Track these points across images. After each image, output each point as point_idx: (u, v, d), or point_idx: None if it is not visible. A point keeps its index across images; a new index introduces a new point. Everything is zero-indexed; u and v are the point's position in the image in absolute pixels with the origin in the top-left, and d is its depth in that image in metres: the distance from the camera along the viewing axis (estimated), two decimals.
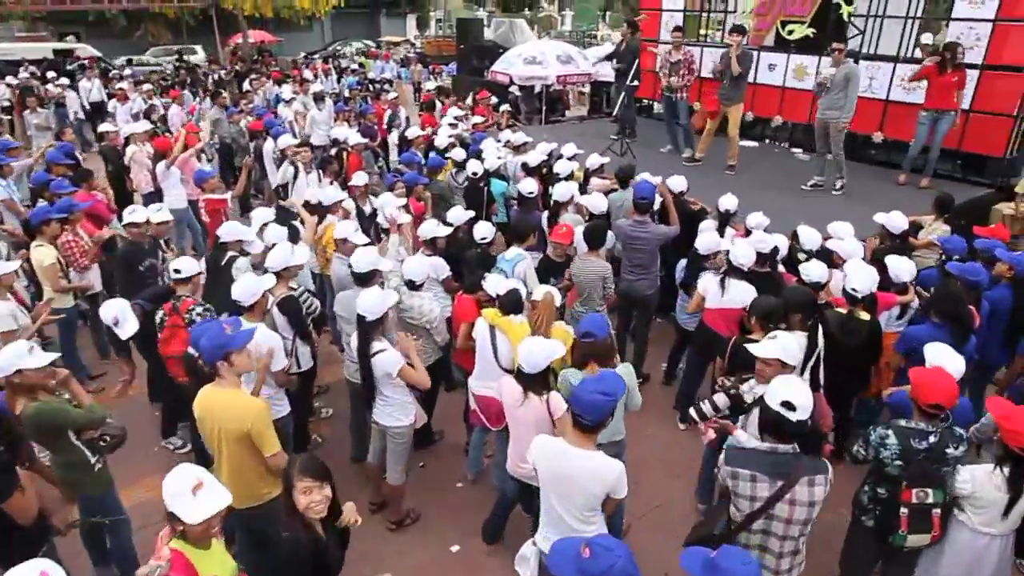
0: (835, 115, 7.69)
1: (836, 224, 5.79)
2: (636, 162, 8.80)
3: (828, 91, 7.67)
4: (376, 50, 23.02)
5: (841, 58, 7.53)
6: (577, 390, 2.93)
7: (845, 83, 7.53)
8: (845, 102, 7.60)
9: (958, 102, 7.79)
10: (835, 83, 7.58)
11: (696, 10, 11.49)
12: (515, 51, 12.55)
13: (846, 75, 7.54)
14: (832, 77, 7.59)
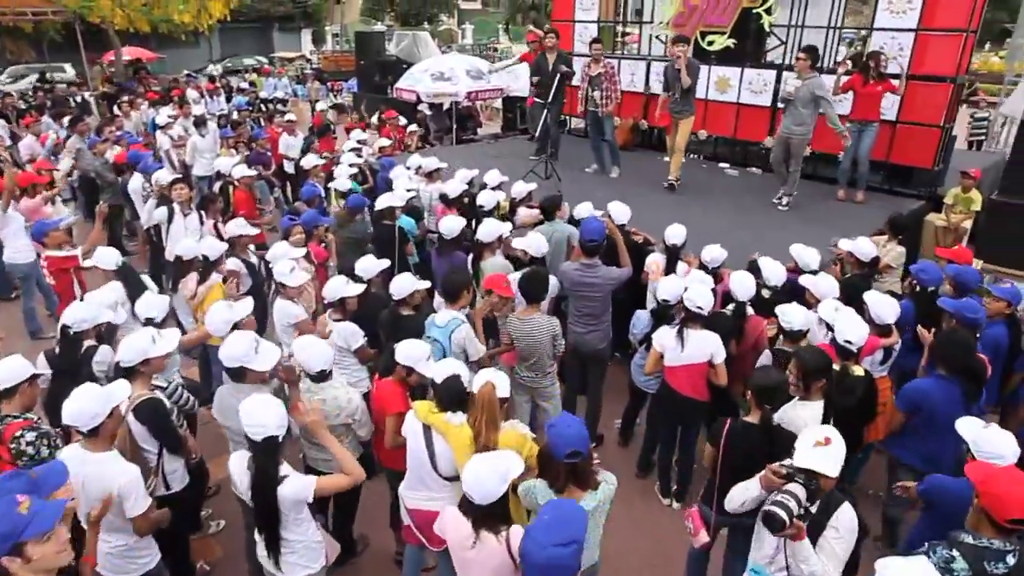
0: (801, 131, 7.24)
1: (799, 249, 5.23)
2: (561, 184, 8.11)
3: (793, 106, 7.19)
4: (268, 67, 21.41)
5: (806, 70, 7.07)
6: (527, 545, 2.19)
7: (811, 98, 7.07)
8: (811, 118, 7.18)
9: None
10: (800, 98, 7.10)
11: (610, 21, 10.98)
12: (421, 66, 11.65)
13: (812, 90, 7.07)
14: (797, 91, 7.12)
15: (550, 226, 5.85)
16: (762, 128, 9.17)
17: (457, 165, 9.00)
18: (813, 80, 7.03)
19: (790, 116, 7.21)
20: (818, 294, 4.53)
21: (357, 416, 3.53)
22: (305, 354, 3.39)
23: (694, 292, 4.06)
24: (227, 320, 3.80)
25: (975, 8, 7.37)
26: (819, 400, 3.38)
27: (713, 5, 9.22)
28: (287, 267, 4.69)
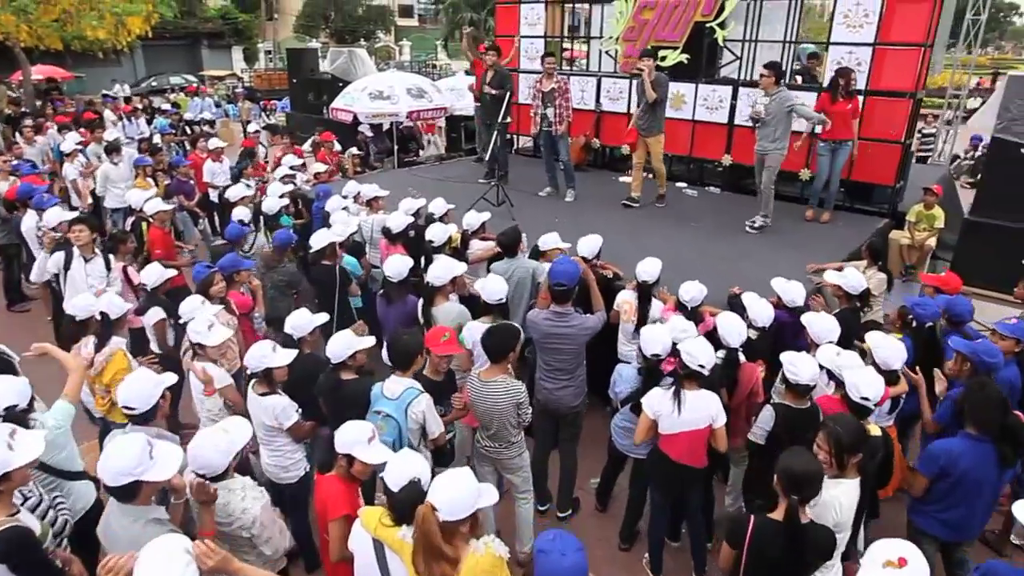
0: (776, 147, 6.89)
1: (782, 284, 4.77)
2: (514, 210, 7.54)
3: (765, 124, 6.82)
4: (194, 86, 20.23)
5: (771, 86, 6.70)
6: None
7: (783, 112, 6.73)
8: (785, 134, 6.84)
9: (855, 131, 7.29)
10: (771, 114, 6.75)
11: (556, 36, 10.53)
12: (358, 85, 10.93)
13: (782, 105, 6.73)
14: (767, 109, 6.75)
15: (509, 263, 5.25)
16: (718, 146, 8.84)
17: (400, 191, 8.38)
18: (781, 94, 6.70)
19: (762, 133, 6.87)
20: (817, 337, 4.05)
21: (254, 531, 2.80)
22: (201, 454, 2.66)
23: (694, 347, 3.50)
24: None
25: (932, 22, 7.18)
26: (854, 477, 2.86)
27: (665, 19, 8.86)
28: (204, 324, 3.93)
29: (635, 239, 6.79)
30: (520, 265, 5.24)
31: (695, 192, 8.76)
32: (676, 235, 7.03)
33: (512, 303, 5.15)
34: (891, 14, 7.35)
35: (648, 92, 7.29)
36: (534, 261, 5.34)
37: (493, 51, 8.61)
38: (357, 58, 13.04)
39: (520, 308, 5.22)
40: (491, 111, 8.34)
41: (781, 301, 4.77)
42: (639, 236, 6.89)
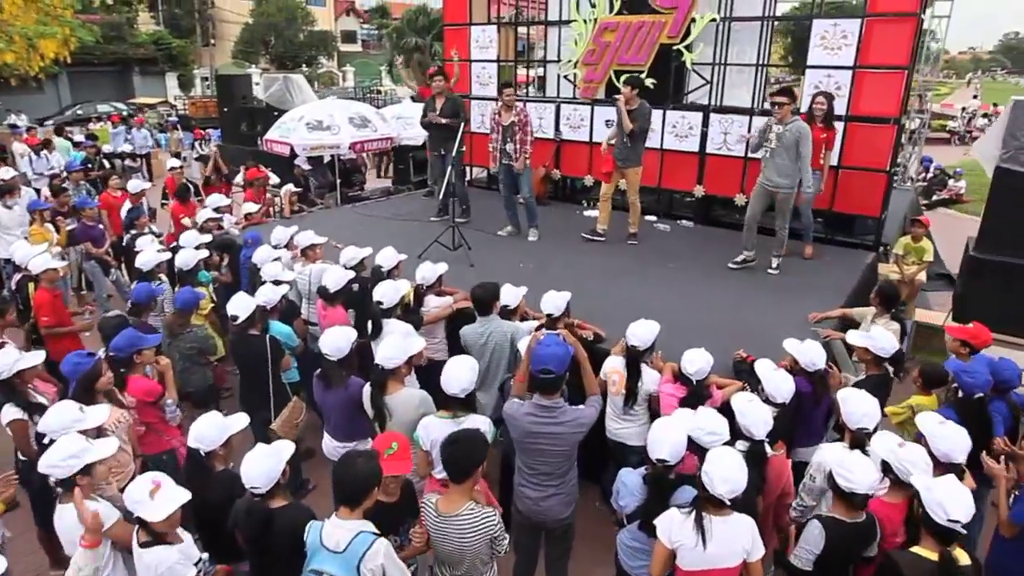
0: (788, 184, 6.15)
1: (797, 346, 4.06)
2: (472, 253, 6.70)
3: (777, 155, 6.08)
4: (118, 115, 18.81)
5: (787, 115, 6.00)
6: None
7: (796, 145, 6.00)
8: (796, 169, 6.09)
9: (824, 162, 6.74)
10: (784, 145, 6.01)
11: (510, 60, 9.83)
12: (295, 114, 9.96)
13: (797, 137, 5.99)
14: (780, 138, 6.02)
15: (484, 325, 4.41)
16: (689, 176, 8.21)
17: (344, 232, 7.46)
18: (796, 124, 6.01)
19: (773, 167, 6.13)
20: (852, 420, 3.30)
21: None
22: None
23: (722, 466, 2.68)
24: None
25: (914, 44, 6.73)
26: None
27: (628, 42, 8.23)
28: (76, 447, 2.91)
29: (609, 284, 6.05)
30: (496, 328, 4.40)
31: (667, 226, 8.09)
32: (654, 278, 6.29)
33: (488, 374, 4.33)
34: (871, 36, 6.87)
35: (624, 122, 6.67)
36: (512, 322, 4.50)
37: (440, 76, 7.82)
38: (294, 85, 12.05)
39: (496, 380, 4.38)
40: (443, 141, 7.54)
41: (796, 364, 4.06)
42: (614, 281, 6.13)
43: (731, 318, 5.33)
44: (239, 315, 4.53)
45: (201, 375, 4.92)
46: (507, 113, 7.30)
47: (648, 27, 8.04)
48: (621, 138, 6.88)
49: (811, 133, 6.08)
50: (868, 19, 6.85)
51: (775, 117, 6.08)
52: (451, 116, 7.59)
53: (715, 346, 4.51)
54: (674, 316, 5.19)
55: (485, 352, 4.35)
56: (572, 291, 5.04)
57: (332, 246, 6.12)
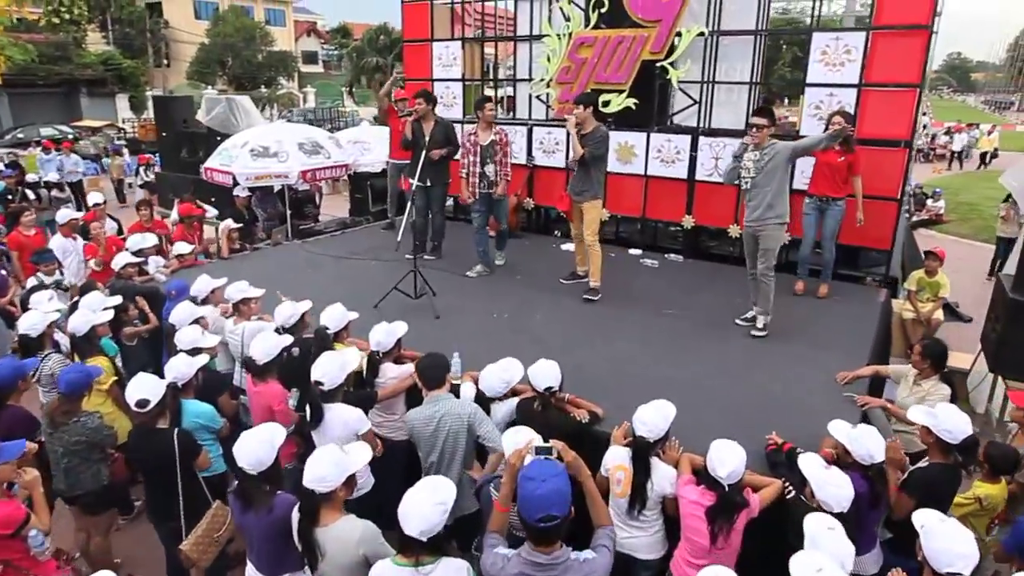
0: (775, 217, 5.19)
1: (845, 429, 3.25)
2: (436, 299, 5.78)
3: (758, 187, 5.18)
4: (50, 140, 17.46)
5: (764, 139, 5.11)
6: None
7: (777, 170, 5.11)
8: (785, 195, 5.21)
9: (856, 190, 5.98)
10: (768, 173, 5.11)
11: (477, 79, 8.99)
12: (238, 140, 8.95)
13: (784, 157, 5.10)
14: (759, 165, 5.14)
15: (433, 407, 3.51)
16: (677, 205, 7.43)
17: (287, 275, 6.47)
18: (774, 147, 5.10)
19: (756, 200, 5.23)
20: (942, 563, 2.45)
21: None
22: None
23: None
24: None
25: (925, 60, 6.06)
26: None
27: (607, 58, 7.46)
28: None
29: (599, 339, 5.18)
30: (449, 411, 3.50)
31: (655, 262, 7.27)
32: (650, 330, 5.43)
33: (439, 468, 3.43)
34: (877, 51, 6.19)
35: (575, 148, 5.79)
36: (469, 404, 3.59)
37: (423, 99, 6.90)
38: (238, 107, 11.00)
39: (451, 476, 3.45)
40: (431, 171, 6.64)
41: (847, 455, 3.23)
42: (604, 335, 5.26)
43: (747, 383, 4.49)
44: (148, 400, 3.52)
45: (93, 473, 3.89)
46: (486, 132, 6.50)
47: (629, 42, 7.28)
48: (574, 166, 6.00)
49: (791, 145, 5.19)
50: (874, 32, 6.18)
51: (751, 141, 5.14)
52: (444, 143, 6.77)
53: (734, 422, 3.72)
54: (680, 382, 4.36)
55: (436, 443, 3.46)
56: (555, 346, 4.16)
57: (276, 297, 5.13)
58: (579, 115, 5.77)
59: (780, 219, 5.19)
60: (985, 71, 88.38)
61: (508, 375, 3.80)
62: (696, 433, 3.57)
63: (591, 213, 6.02)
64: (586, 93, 6.41)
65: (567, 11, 7.70)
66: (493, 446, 3.48)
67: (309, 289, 6.08)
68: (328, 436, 3.56)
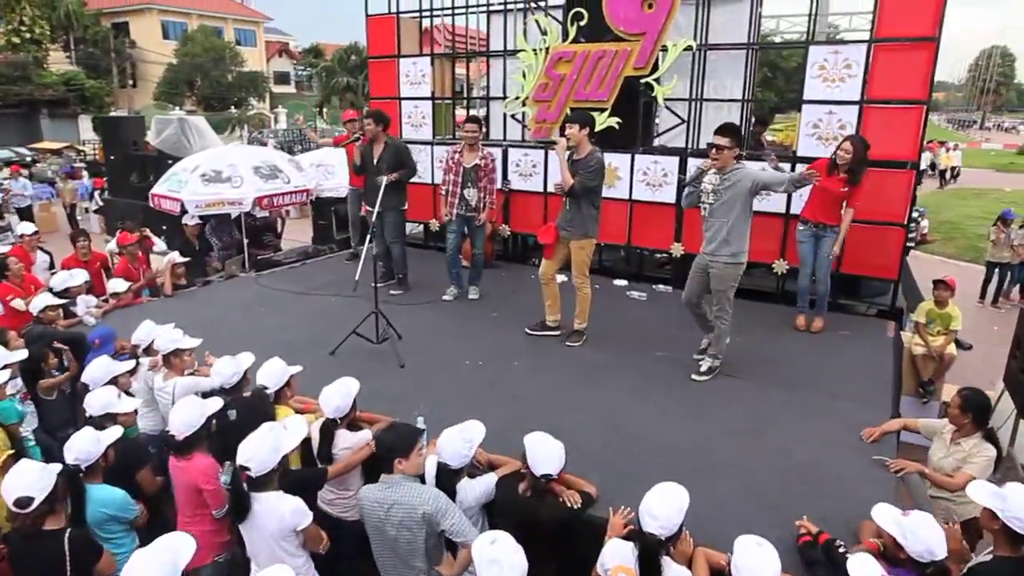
0: (728, 257, 4.59)
1: (890, 518, 2.67)
2: (402, 343, 5.13)
3: (716, 217, 4.61)
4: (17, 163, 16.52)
5: (730, 161, 4.52)
6: None
7: (739, 201, 4.52)
8: (747, 227, 4.62)
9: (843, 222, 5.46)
10: (724, 200, 4.53)
11: (448, 97, 8.40)
12: (188, 163, 8.23)
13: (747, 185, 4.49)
14: (719, 192, 4.55)
15: (387, 489, 2.87)
16: (664, 232, 6.87)
17: (235, 315, 5.78)
18: (739, 172, 4.51)
19: (711, 231, 4.63)
20: None
21: None
22: None
23: None
24: None
25: (932, 75, 5.59)
26: None
27: (587, 75, 6.92)
28: None
29: (585, 391, 4.54)
30: (402, 500, 2.85)
31: (643, 294, 6.69)
32: (645, 378, 4.80)
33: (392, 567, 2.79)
34: (880, 65, 5.73)
35: (564, 176, 5.01)
36: (429, 495, 2.91)
37: (373, 119, 6.31)
38: (191, 128, 10.22)
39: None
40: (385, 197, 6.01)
41: (896, 547, 2.63)
42: (592, 386, 4.63)
43: (762, 444, 3.89)
44: (31, 498, 2.80)
45: None
46: (471, 153, 6.05)
47: (610, 57, 6.75)
48: (563, 198, 5.23)
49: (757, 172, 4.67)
50: (876, 45, 5.72)
51: (709, 165, 4.54)
52: (395, 167, 6.15)
53: (754, 498, 3.15)
54: (683, 446, 3.75)
55: (385, 530, 2.82)
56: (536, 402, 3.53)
57: (204, 361, 4.46)
58: (573, 136, 5.00)
59: (734, 258, 4.59)
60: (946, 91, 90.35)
61: (469, 435, 3.16)
62: (710, 516, 2.98)
63: (580, 253, 5.28)
64: (582, 111, 5.72)
65: (544, 24, 7.17)
66: (463, 540, 2.84)
67: (258, 333, 5.42)
68: (258, 532, 2.89)
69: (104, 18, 39.87)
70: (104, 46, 38.09)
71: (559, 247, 5.34)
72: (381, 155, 6.24)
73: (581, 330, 5.43)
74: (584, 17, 6.86)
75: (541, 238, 5.50)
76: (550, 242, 5.37)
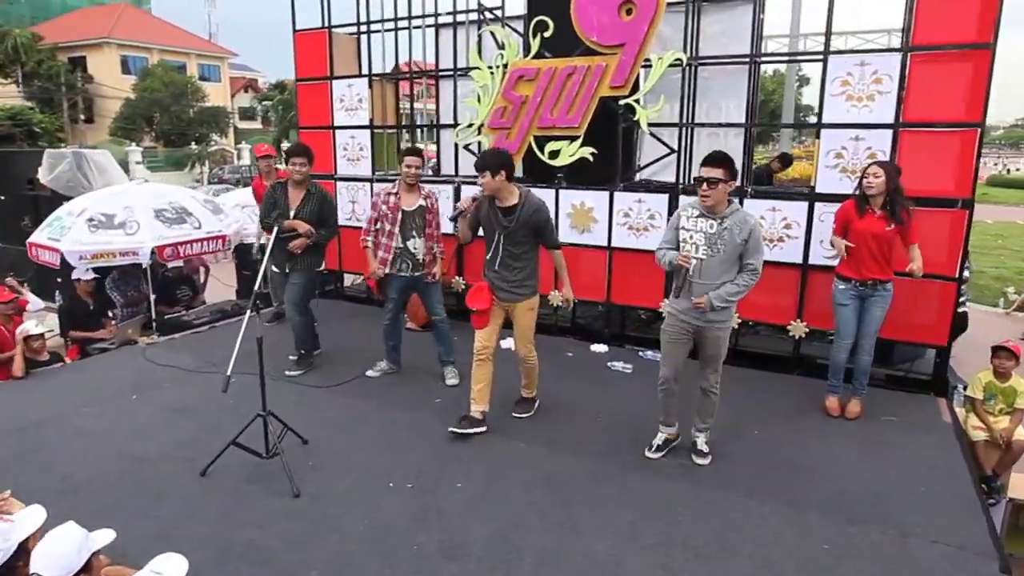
0: (725, 319, 3.64)
1: None
2: (306, 450, 3.73)
3: (704, 268, 3.54)
4: None
5: (721, 201, 3.48)
6: None
7: (739, 251, 3.50)
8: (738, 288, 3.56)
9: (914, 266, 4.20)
10: (722, 250, 3.49)
11: (390, 126, 7.10)
12: (75, 206, 6.74)
13: (744, 232, 3.47)
14: (713, 240, 3.49)
15: None
16: (653, 286, 5.56)
17: (88, 412, 4.29)
18: (739, 216, 3.51)
19: (700, 287, 3.56)
20: None
21: None
22: None
23: None
24: None
25: (987, 91, 4.42)
26: None
27: (553, 96, 5.67)
28: None
29: (558, 518, 3.15)
30: None
31: (628, 366, 5.35)
32: (638, 498, 3.43)
33: None
34: (919, 78, 4.55)
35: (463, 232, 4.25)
36: None
37: (306, 157, 5.06)
38: (89, 163, 8.70)
39: None
40: (296, 255, 4.82)
41: None
42: (565, 515, 3.24)
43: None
44: None
45: None
46: (410, 194, 4.74)
47: (582, 74, 5.51)
48: (496, 252, 4.08)
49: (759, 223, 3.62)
50: (914, 55, 4.55)
51: (701, 204, 3.53)
52: (316, 223, 4.95)
53: None
54: None
55: None
56: (484, 560, 2.15)
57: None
58: (488, 184, 3.92)
59: (731, 319, 3.78)
60: None
61: None
62: None
63: (529, 316, 4.20)
64: (491, 151, 4.33)
65: (500, 36, 5.94)
66: None
67: (103, 442, 3.98)
68: None
69: (61, 52, 38.45)
70: (57, 80, 36.57)
71: (494, 313, 4.17)
72: (301, 205, 4.94)
73: (532, 398, 4.43)
74: (549, 27, 5.64)
75: (473, 303, 4.18)
76: (485, 307, 4.13)
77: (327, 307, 7.19)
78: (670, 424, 3.95)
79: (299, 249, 4.89)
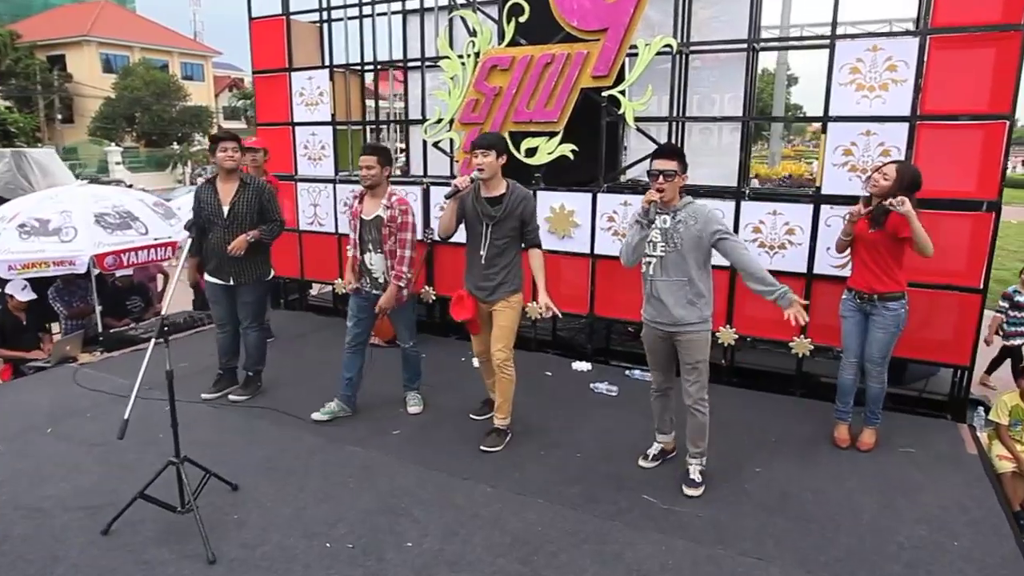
0: (698, 320, 3.30)
1: None
2: (231, 498, 3.15)
3: (662, 265, 3.29)
4: None
5: (675, 196, 3.24)
6: None
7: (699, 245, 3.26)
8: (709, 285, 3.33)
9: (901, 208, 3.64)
10: (679, 247, 3.23)
11: (358, 122, 6.52)
12: (7, 210, 6.16)
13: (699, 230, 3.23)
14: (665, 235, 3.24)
15: None
16: (638, 297, 5.02)
17: None
18: (692, 209, 3.27)
19: (664, 289, 3.29)
20: None
21: None
22: None
23: None
24: None
25: (1018, 78, 3.90)
26: None
27: (530, 87, 5.12)
28: None
29: None
30: None
31: (613, 388, 4.80)
32: (628, 554, 2.89)
33: None
34: (939, 65, 4.03)
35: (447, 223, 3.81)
36: None
37: (235, 142, 4.48)
38: (30, 163, 8.05)
39: None
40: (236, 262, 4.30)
41: None
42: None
43: None
44: None
45: None
46: (372, 200, 4.10)
47: (560, 63, 4.96)
48: (482, 245, 3.77)
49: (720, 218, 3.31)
50: (933, 38, 4.02)
51: (655, 199, 3.22)
52: (254, 220, 4.37)
53: None
54: None
55: None
56: None
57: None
58: (489, 166, 3.63)
59: (706, 322, 3.36)
60: None
61: None
62: None
63: (510, 314, 3.81)
64: (495, 133, 4.05)
65: (472, 23, 5.38)
66: None
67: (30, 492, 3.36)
68: None
69: (39, 50, 37.60)
70: (34, 79, 35.74)
71: (480, 317, 3.92)
72: (234, 201, 4.34)
73: (504, 428, 3.92)
74: (524, 11, 5.09)
75: (457, 315, 3.86)
76: (470, 316, 3.86)
77: (289, 319, 6.65)
78: (664, 433, 3.72)
79: (240, 251, 4.27)
